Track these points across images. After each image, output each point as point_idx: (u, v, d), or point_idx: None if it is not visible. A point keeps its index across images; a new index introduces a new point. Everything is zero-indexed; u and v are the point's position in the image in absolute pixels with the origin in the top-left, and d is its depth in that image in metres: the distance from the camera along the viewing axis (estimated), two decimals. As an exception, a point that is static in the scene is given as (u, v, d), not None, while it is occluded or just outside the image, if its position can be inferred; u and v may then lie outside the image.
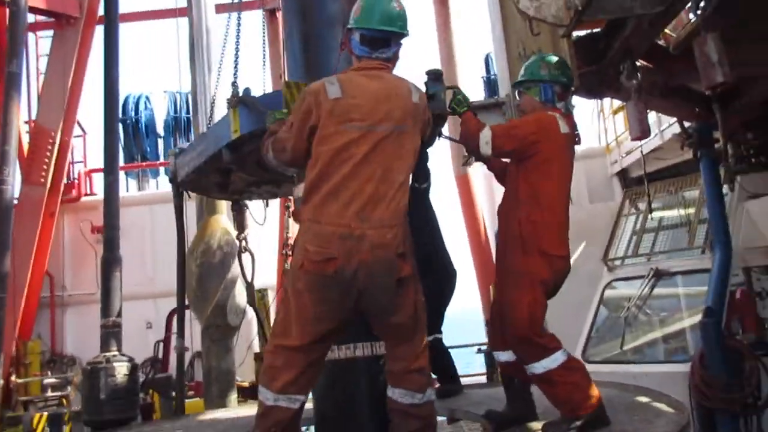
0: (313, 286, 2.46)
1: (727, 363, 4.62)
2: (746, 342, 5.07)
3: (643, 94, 4.73)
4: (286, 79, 3.65)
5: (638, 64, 4.14)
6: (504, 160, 3.19)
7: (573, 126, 3.09)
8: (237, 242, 4.41)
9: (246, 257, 4.34)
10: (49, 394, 9.08)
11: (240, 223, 4.31)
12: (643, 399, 3.28)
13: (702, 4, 3.11)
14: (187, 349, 4.86)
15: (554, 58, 3.17)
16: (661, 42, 4.53)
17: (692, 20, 3.39)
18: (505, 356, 3.07)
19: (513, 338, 2.89)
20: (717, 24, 3.57)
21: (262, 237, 8.25)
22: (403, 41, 2.69)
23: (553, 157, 2.93)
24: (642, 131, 3.95)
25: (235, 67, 3.60)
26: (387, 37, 2.63)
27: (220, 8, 9.06)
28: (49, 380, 9.30)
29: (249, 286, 4.30)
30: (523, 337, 2.83)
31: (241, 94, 3.15)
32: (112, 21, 6.58)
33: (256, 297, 4.43)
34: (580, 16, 2.66)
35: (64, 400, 9.08)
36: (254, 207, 4.51)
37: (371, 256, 2.41)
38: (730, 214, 6.03)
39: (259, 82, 5.26)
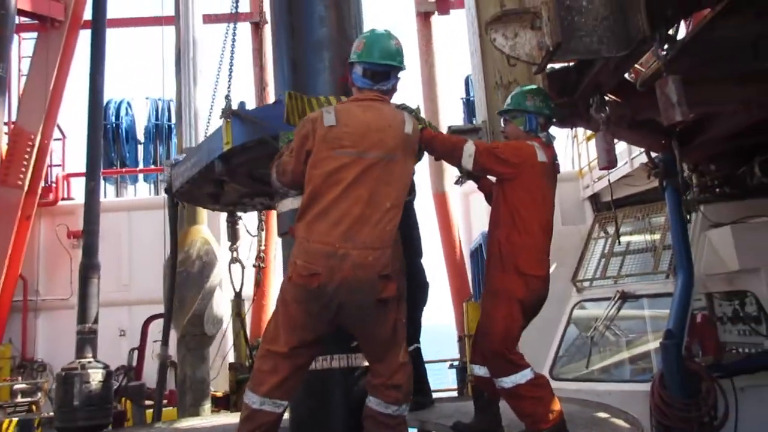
0: (299, 297, 2.64)
1: (685, 384, 4.85)
2: (704, 364, 5.31)
3: (612, 126, 4.98)
4: (274, 91, 3.81)
5: (607, 98, 4.38)
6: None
7: (553, 156, 3.31)
8: (228, 253, 4.50)
9: (236, 268, 4.44)
10: (19, 399, 8.96)
11: (233, 235, 4.40)
12: (603, 415, 3.47)
13: (665, 47, 3.34)
14: (170, 358, 4.92)
15: (539, 90, 3.38)
16: (630, 76, 4.79)
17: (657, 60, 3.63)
18: (482, 371, 3.24)
19: (488, 351, 3.07)
20: (680, 66, 3.83)
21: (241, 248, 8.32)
22: (400, 75, 2.91)
23: (531, 183, 3.14)
24: (609, 161, 4.17)
25: (229, 80, 3.74)
26: (387, 70, 2.85)
27: (206, 18, 9.20)
28: (20, 386, 9.19)
29: (237, 295, 4.40)
30: (497, 351, 3.01)
31: (234, 107, 3.29)
32: (99, 30, 6.65)
33: (235, 306, 4.52)
34: (551, 56, 2.87)
35: (34, 406, 8.99)
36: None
37: (352, 275, 2.56)
38: (692, 242, 6.30)
39: (244, 90, 5.39)
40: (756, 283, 6.00)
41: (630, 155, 8.46)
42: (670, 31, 3.37)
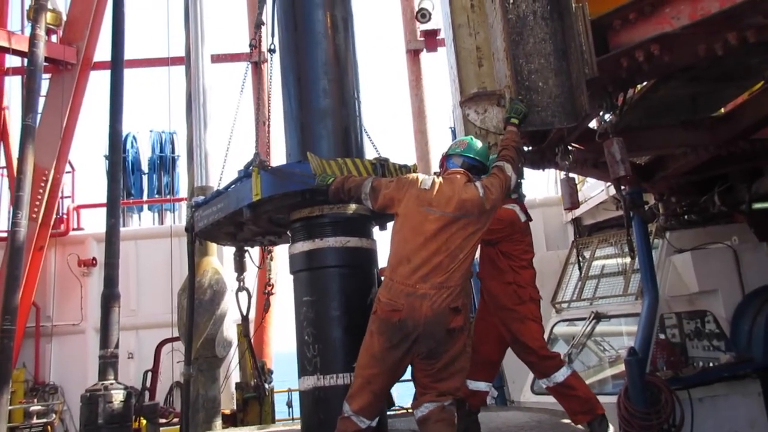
0: (382, 329, 3.17)
1: (646, 395, 5.45)
2: (664, 378, 5.91)
3: (578, 168, 5.68)
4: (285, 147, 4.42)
5: (570, 147, 5.06)
6: None
7: (526, 212, 4.10)
8: (235, 282, 5.04)
9: (243, 295, 4.92)
10: (34, 421, 9.47)
11: (240, 266, 4.95)
12: (567, 420, 4.09)
13: (609, 114, 4.04)
14: (192, 376, 5.45)
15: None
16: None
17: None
18: (481, 386, 4.01)
19: (537, 357, 3.85)
20: (634, 116, 4.53)
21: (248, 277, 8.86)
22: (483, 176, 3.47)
23: (521, 236, 3.98)
24: (572, 203, 4.86)
25: (257, 139, 4.33)
26: (480, 166, 3.49)
27: (214, 58, 9.79)
28: (35, 407, 9.69)
29: (244, 319, 4.92)
30: (544, 355, 3.86)
31: (257, 163, 3.89)
32: (117, 79, 7.26)
33: (243, 329, 4.93)
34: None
35: (49, 427, 9.49)
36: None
37: (430, 311, 3.09)
38: (659, 266, 6.96)
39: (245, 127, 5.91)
40: (713, 304, 6.64)
41: (606, 183, 9.16)
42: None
